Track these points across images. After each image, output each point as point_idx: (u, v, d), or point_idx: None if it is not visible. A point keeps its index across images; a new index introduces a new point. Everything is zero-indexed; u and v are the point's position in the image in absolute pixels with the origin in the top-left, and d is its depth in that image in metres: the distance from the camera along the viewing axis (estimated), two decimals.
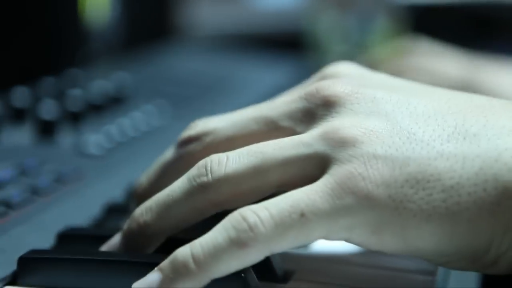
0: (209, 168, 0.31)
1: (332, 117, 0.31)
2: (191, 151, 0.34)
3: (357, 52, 0.93)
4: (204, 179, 0.31)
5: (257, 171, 0.30)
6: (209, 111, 0.60)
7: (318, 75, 0.35)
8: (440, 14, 1.20)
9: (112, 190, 0.40)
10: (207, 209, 0.31)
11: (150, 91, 0.62)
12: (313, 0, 1.00)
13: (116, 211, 0.37)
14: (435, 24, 1.21)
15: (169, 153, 0.35)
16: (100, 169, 0.43)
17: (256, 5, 1.01)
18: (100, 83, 0.57)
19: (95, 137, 0.47)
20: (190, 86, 0.68)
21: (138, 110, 0.55)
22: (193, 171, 0.31)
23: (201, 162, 0.31)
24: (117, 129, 0.49)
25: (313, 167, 0.30)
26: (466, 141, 0.29)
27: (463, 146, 0.29)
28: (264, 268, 0.29)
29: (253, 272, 0.28)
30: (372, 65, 0.56)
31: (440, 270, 0.33)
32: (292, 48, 0.99)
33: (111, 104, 0.55)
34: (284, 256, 0.31)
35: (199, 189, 0.31)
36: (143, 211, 0.32)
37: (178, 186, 0.31)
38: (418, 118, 0.30)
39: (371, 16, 0.98)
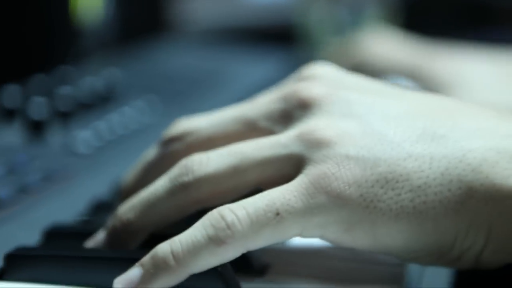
0: (190, 168, 0.32)
1: (308, 118, 0.33)
2: (173, 150, 0.35)
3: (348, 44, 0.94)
4: (185, 178, 0.32)
5: (236, 171, 0.32)
6: (199, 107, 0.61)
7: (296, 76, 0.36)
8: (434, 3, 1.21)
9: (100, 188, 0.41)
10: (188, 207, 0.33)
11: (141, 87, 0.63)
12: None
13: (103, 209, 0.38)
14: (428, 14, 1.22)
15: (152, 152, 0.36)
16: (89, 167, 0.44)
17: None
18: (91, 80, 0.58)
19: (84, 135, 0.48)
20: (182, 81, 0.69)
21: (128, 107, 0.56)
22: (174, 171, 0.33)
23: (183, 162, 0.33)
24: (106, 127, 0.50)
25: (289, 167, 0.32)
26: (434, 142, 0.30)
27: (430, 147, 0.30)
28: (242, 261, 0.30)
29: (229, 266, 0.29)
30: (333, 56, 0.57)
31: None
32: (284, 41, 1.00)
33: (101, 102, 0.56)
34: (261, 249, 0.33)
35: (180, 188, 0.32)
36: (127, 209, 0.33)
37: (160, 185, 0.33)
38: (390, 119, 0.32)
39: (362, 7, 0.99)
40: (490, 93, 0.51)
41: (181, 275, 0.29)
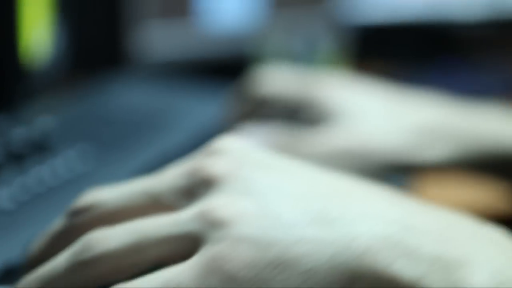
0: (90, 245, 0.33)
1: (209, 196, 0.33)
2: (78, 222, 0.36)
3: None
4: (85, 256, 0.33)
5: (136, 248, 0.33)
6: (139, 155, 0.61)
7: (205, 150, 0.37)
8: (393, 34, 1.23)
9: (16, 250, 0.41)
10: (89, 283, 0.33)
11: (80, 133, 0.63)
12: (263, 24, 1.02)
13: (15, 274, 0.38)
14: (388, 44, 1.23)
15: (58, 222, 0.37)
16: (9, 225, 0.44)
17: (209, 30, 1.03)
18: (23, 129, 0.58)
19: (9, 190, 0.48)
20: (128, 124, 0.69)
21: (61, 156, 0.56)
22: (75, 247, 0.33)
23: (83, 239, 0.33)
24: (35, 179, 0.50)
25: (187, 246, 0.32)
26: (324, 226, 0.31)
27: (321, 231, 0.31)
28: None
29: None
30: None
31: None
32: (241, 74, 1.01)
33: (34, 152, 0.56)
34: None
35: (80, 266, 0.33)
36: (26, 283, 0.33)
37: (60, 261, 0.33)
38: (287, 200, 0.32)
39: (317, 40, 1.00)
40: (375, 125, 0.53)
41: None
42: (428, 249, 0.30)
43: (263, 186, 0.33)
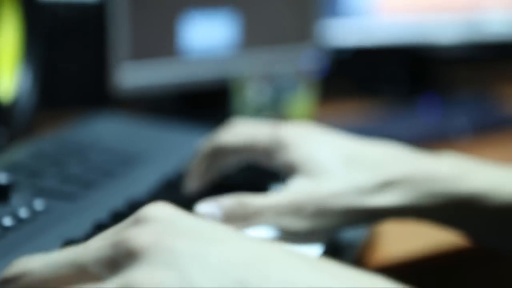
0: None
1: (132, 268, 0.34)
2: None
3: (273, 112, 0.96)
4: None
5: None
6: (106, 200, 0.61)
7: (132, 217, 0.37)
8: (372, 56, 1.24)
9: None
10: None
11: (45, 181, 0.62)
12: (237, 62, 1.03)
13: None
14: (367, 66, 1.24)
15: None
16: None
17: (185, 69, 1.04)
18: None
19: None
20: (98, 166, 0.68)
21: (21, 204, 0.56)
22: None
23: None
24: None
25: None
26: None
27: None
28: None
29: None
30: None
31: None
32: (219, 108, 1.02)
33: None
34: None
35: None
36: None
37: None
38: (209, 271, 0.33)
39: (290, 82, 1.01)
40: (331, 175, 0.53)
41: None
42: None
43: (185, 257, 0.34)
